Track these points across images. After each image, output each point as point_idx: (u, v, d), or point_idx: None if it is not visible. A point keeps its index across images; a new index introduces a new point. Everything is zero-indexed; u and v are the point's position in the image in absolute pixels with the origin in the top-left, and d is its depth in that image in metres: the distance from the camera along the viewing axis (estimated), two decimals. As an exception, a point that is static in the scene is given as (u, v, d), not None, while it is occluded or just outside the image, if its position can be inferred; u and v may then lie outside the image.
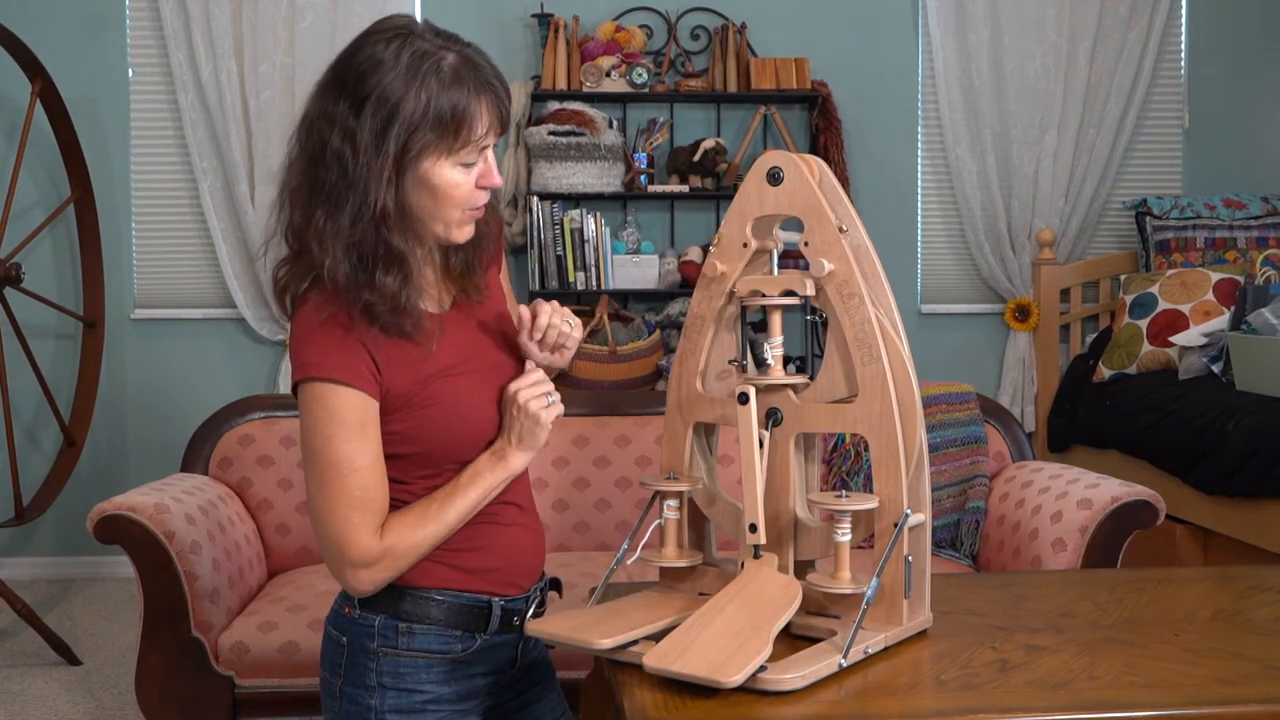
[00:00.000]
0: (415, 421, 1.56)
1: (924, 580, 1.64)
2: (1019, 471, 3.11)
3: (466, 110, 1.47)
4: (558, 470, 3.14)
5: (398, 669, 1.61)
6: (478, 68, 1.50)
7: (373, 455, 1.53)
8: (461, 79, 1.47)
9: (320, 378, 1.51)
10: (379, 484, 1.55)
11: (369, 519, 1.53)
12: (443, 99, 1.46)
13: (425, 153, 1.48)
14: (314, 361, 1.51)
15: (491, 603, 1.63)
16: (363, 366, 1.51)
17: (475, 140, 1.50)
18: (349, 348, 1.51)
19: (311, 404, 1.52)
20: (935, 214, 5.18)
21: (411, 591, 1.60)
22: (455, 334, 1.62)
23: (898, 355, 1.59)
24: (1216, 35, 5.20)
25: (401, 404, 1.55)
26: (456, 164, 1.50)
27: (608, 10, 4.92)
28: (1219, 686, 1.47)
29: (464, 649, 1.63)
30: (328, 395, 1.51)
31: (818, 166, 1.64)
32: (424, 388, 1.56)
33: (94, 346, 4.63)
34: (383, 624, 1.61)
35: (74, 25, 4.79)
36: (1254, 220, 4.89)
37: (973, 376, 4.81)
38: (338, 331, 1.52)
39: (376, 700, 1.61)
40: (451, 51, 1.49)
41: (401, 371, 1.55)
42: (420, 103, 1.45)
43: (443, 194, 1.51)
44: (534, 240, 4.66)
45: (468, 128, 1.48)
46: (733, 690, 1.39)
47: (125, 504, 2.64)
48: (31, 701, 3.50)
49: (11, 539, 4.83)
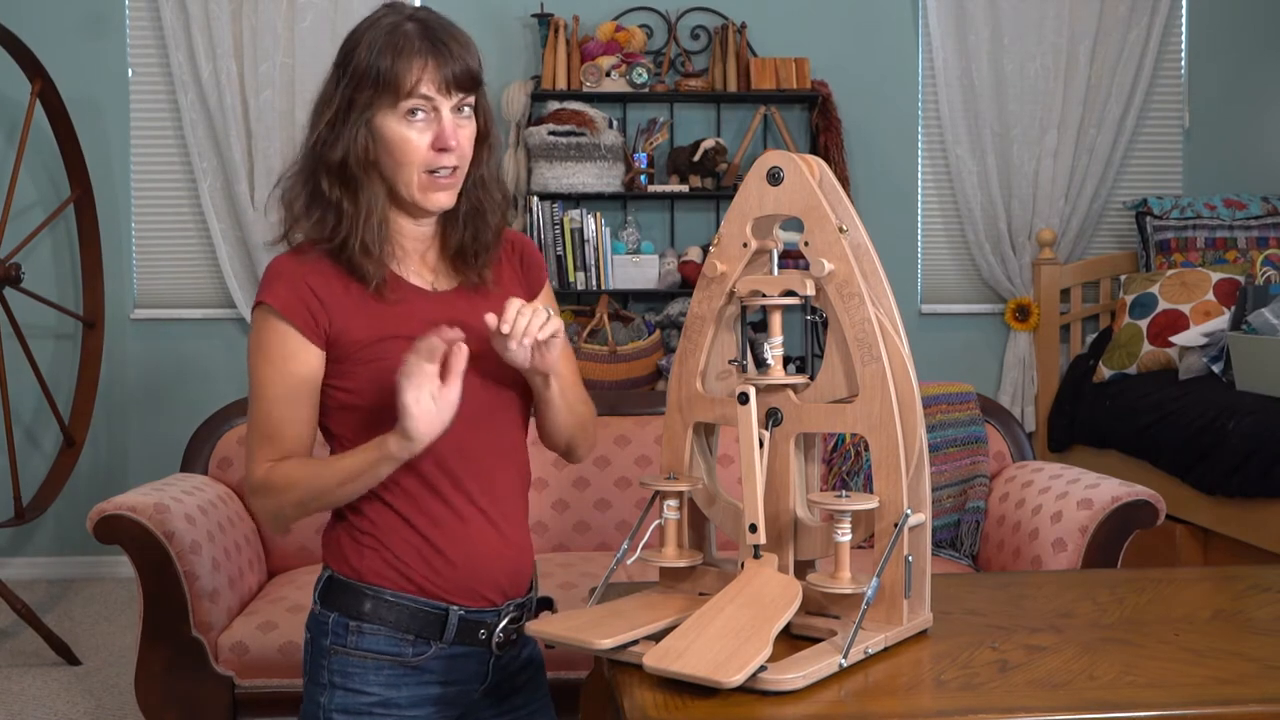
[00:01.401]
0: (354, 374, 1.60)
1: (924, 580, 1.64)
2: (1019, 471, 3.11)
3: (395, 67, 1.56)
4: (558, 470, 3.14)
5: (346, 668, 1.61)
6: (428, 29, 1.59)
7: (286, 389, 1.59)
8: (403, 38, 1.57)
9: (262, 303, 1.61)
10: (286, 419, 1.59)
11: (267, 449, 1.59)
12: (378, 56, 1.57)
13: (372, 107, 1.58)
14: (264, 289, 1.62)
15: (449, 610, 1.62)
16: (302, 306, 1.59)
17: (411, 93, 1.56)
18: (295, 286, 1.60)
19: (253, 327, 1.63)
20: (935, 214, 5.18)
21: (369, 590, 1.61)
22: (434, 312, 1.61)
23: (898, 355, 1.58)
24: (1216, 35, 5.20)
25: (350, 355, 1.60)
26: (402, 119, 1.58)
27: (608, 10, 4.92)
28: (1219, 686, 1.47)
29: (416, 654, 1.62)
30: (262, 322, 1.61)
31: (818, 166, 1.64)
32: (377, 343, 1.60)
33: (94, 346, 4.63)
34: (335, 621, 1.62)
35: (74, 25, 4.79)
36: (1254, 220, 4.90)
37: (973, 376, 4.81)
38: (295, 270, 1.61)
39: (325, 698, 1.62)
40: (414, 22, 1.60)
41: (355, 321, 1.60)
42: (363, 58, 1.58)
43: (395, 149, 1.59)
44: (534, 240, 4.65)
45: (399, 83, 1.56)
46: (733, 690, 1.39)
47: (125, 504, 2.64)
48: (31, 701, 3.50)
49: (11, 539, 4.83)
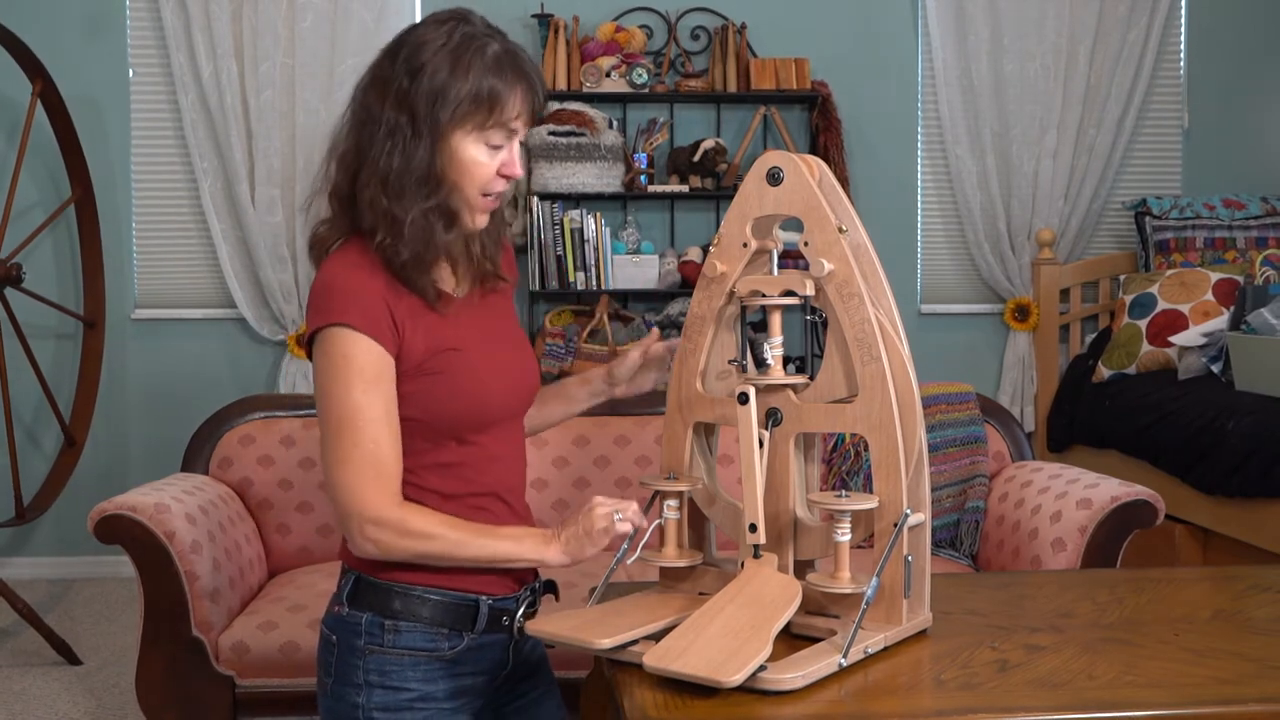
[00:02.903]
0: (421, 386, 1.59)
1: (924, 580, 1.64)
2: (1018, 471, 3.11)
3: (501, 92, 1.57)
4: (558, 470, 3.14)
5: (384, 666, 1.62)
6: (518, 58, 1.61)
7: (385, 409, 1.56)
8: (501, 64, 1.58)
9: (342, 323, 1.54)
10: (391, 440, 1.57)
11: (382, 475, 1.55)
12: (483, 78, 1.57)
13: (460, 125, 1.57)
14: (337, 308, 1.55)
15: (479, 601, 1.63)
16: (384, 321, 1.56)
17: (505, 121, 1.58)
18: (372, 300, 1.56)
19: (330, 351, 1.55)
20: (935, 214, 5.18)
21: (398, 588, 1.61)
22: (467, 318, 1.66)
23: (897, 355, 1.59)
24: (1216, 35, 5.20)
25: (413, 369, 1.59)
26: (483, 142, 1.59)
27: (608, 10, 4.92)
28: (1219, 686, 1.48)
29: (451, 647, 1.64)
30: (347, 342, 1.55)
31: (817, 166, 1.64)
32: (434, 357, 1.60)
33: (94, 346, 4.63)
34: (369, 622, 1.62)
35: (75, 26, 4.80)
36: (1253, 220, 4.90)
37: (972, 376, 4.81)
38: (364, 284, 1.57)
39: (363, 698, 1.62)
40: (496, 41, 1.61)
41: (419, 337, 1.59)
42: (463, 78, 1.56)
43: (466, 169, 1.59)
44: (534, 240, 4.66)
45: (500, 108, 1.57)
46: (732, 690, 1.39)
47: (126, 504, 2.64)
48: (32, 701, 3.51)
49: (12, 539, 4.84)
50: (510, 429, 1.71)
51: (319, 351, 1.57)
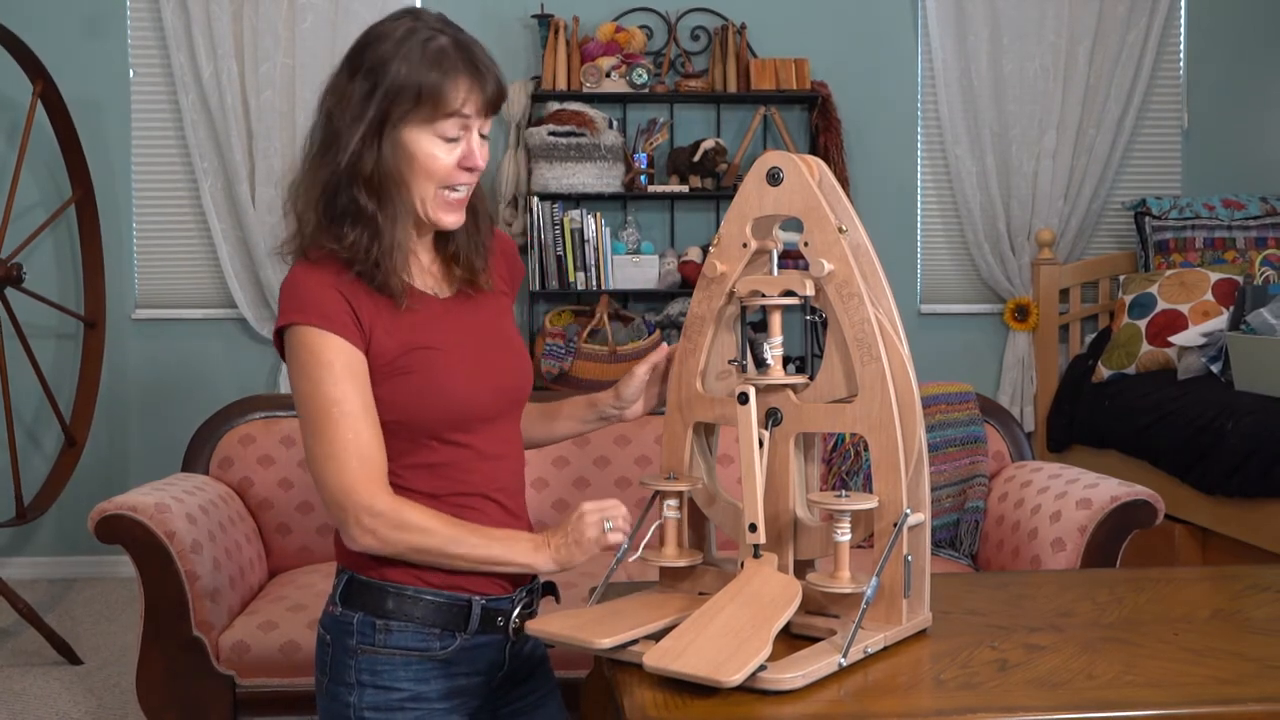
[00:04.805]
0: (391, 387, 1.59)
1: (924, 580, 1.64)
2: (1018, 471, 3.12)
3: (440, 83, 1.55)
4: (558, 470, 3.15)
5: (376, 666, 1.62)
6: (466, 49, 1.58)
7: (362, 402, 1.56)
8: (443, 55, 1.56)
9: (302, 323, 1.56)
10: (371, 431, 1.57)
11: (367, 465, 1.55)
12: (423, 72, 1.55)
13: (405, 120, 1.56)
14: (296, 308, 1.57)
15: (471, 601, 1.63)
16: (345, 317, 1.57)
17: (452, 113, 1.56)
18: (330, 299, 1.57)
19: (297, 349, 1.57)
20: (935, 214, 5.19)
21: (391, 588, 1.61)
22: (448, 319, 1.66)
23: (897, 355, 1.59)
24: (1216, 35, 5.21)
25: (386, 367, 1.59)
26: (435, 135, 1.57)
27: (608, 11, 4.92)
28: (1219, 686, 1.48)
29: (444, 647, 1.63)
30: (311, 339, 1.56)
31: (817, 167, 1.64)
32: (405, 355, 1.60)
33: (95, 346, 4.63)
34: (361, 621, 1.62)
35: (75, 26, 4.80)
36: (1253, 220, 4.90)
37: (972, 376, 4.81)
38: (322, 284, 1.58)
39: (355, 697, 1.62)
40: (446, 35, 1.58)
41: (386, 337, 1.59)
42: (401, 72, 1.55)
43: (420, 164, 1.58)
44: (534, 240, 4.66)
45: (441, 99, 1.55)
46: (732, 690, 1.39)
47: (126, 504, 2.65)
48: (33, 701, 3.51)
49: (12, 539, 4.84)
50: (501, 429, 1.70)
51: (289, 353, 1.59)
